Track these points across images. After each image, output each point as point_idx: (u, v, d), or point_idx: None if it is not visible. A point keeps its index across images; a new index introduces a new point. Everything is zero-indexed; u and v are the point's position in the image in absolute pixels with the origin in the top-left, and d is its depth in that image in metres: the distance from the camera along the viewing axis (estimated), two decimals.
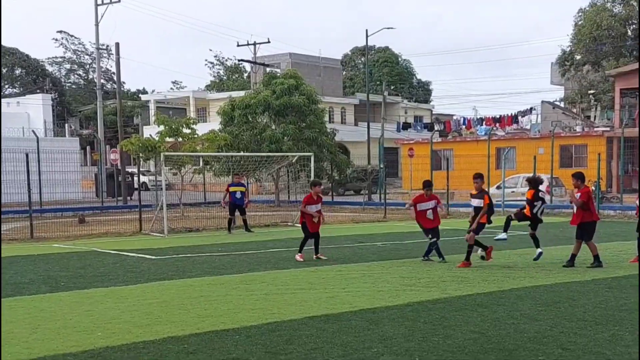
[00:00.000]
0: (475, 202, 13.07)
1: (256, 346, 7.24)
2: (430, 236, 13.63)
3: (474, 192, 13.29)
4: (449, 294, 9.99)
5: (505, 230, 13.29)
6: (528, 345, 7.15)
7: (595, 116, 53.40)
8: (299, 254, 14.14)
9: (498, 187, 30.40)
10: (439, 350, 7.02)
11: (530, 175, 19.76)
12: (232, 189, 21.17)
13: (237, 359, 6.81)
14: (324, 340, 7.44)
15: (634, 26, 49.97)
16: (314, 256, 14.21)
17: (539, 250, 13.17)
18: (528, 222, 13.20)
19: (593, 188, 30.17)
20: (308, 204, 14.30)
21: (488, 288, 10.49)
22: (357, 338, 7.49)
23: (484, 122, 46.30)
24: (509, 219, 13.26)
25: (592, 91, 52.83)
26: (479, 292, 10.11)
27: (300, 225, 15.16)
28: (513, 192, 30.55)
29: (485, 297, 9.78)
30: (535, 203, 13.08)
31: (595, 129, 41.56)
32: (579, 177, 12.98)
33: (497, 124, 45.37)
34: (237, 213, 21.15)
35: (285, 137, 33.12)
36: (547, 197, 29.35)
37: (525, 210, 13.22)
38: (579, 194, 12.71)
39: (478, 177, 13.33)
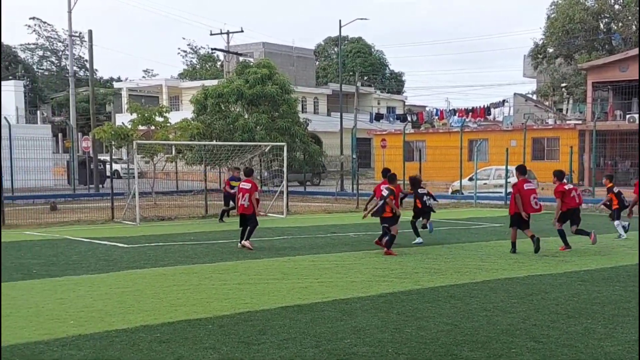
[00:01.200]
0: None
1: (229, 336, 7.22)
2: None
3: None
4: (421, 286, 10.05)
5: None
6: (501, 337, 7.21)
7: (567, 109, 53.93)
8: None
9: (470, 179, 30.64)
10: (412, 341, 7.05)
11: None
12: (232, 183, 21.07)
13: (209, 348, 6.78)
14: (297, 330, 7.44)
15: (605, 20, 50.51)
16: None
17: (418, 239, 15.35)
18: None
19: (565, 181, 30.59)
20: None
21: (461, 280, 10.57)
22: (330, 329, 7.50)
23: (456, 114, 46.48)
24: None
25: (564, 84, 53.26)
26: (452, 284, 10.18)
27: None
28: (485, 184, 30.81)
29: (458, 288, 9.85)
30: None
31: (568, 122, 41.94)
32: (556, 175, 14.40)
33: (470, 116, 45.57)
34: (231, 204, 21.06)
35: (258, 127, 33.00)
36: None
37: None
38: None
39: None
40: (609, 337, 7.21)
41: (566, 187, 14.43)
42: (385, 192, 13.56)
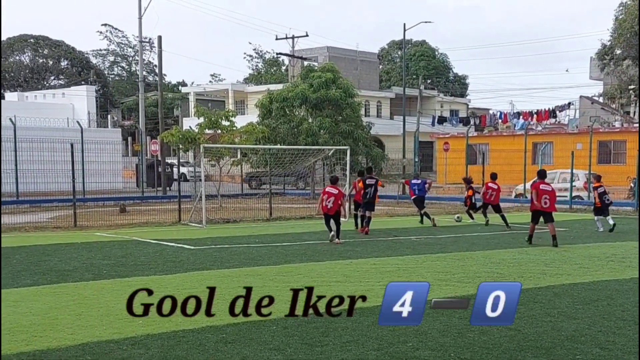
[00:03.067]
0: None
1: (292, 337, 7.34)
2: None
3: None
4: None
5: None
6: (565, 343, 7.11)
7: (635, 112, 52.23)
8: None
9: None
10: (475, 346, 7.02)
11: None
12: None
13: (274, 349, 6.92)
14: (360, 333, 7.51)
15: None
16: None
17: None
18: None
19: (632, 185, 29.62)
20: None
21: (524, 285, 10.39)
22: (393, 332, 7.52)
23: (520, 117, 45.65)
24: None
25: (632, 86, 51.60)
26: None
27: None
28: None
29: (522, 294, 9.54)
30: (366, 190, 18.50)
31: (635, 125, 40.63)
32: (538, 173, 16.04)
33: (534, 119, 44.68)
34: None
35: (322, 131, 33.15)
36: (584, 193, 29.02)
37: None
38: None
39: None
40: None
41: (541, 187, 15.42)
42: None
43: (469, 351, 6.84)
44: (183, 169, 43.79)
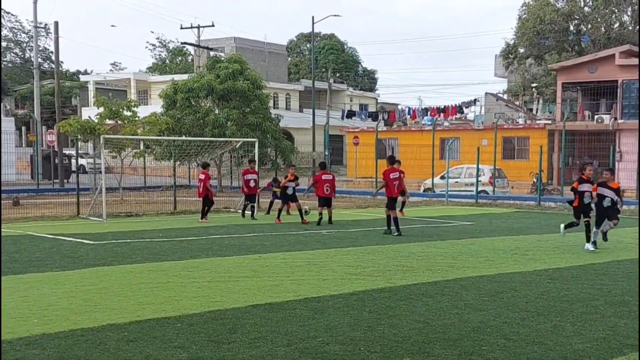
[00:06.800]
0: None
1: (199, 335, 7.09)
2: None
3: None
4: (394, 283, 10.00)
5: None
6: (472, 335, 7.19)
7: (537, 109, 54.48)
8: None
9: (442, 177, 30.81)
10: (384, 339, 7.00)
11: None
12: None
13: (178, 347, 6.64)
14: (268, 329, 7.34)
15: (575, 21, 51.10)
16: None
17: None
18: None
19: (534, 180, 30.92)
20: None
21: (433, 277, 10.55)
22: (302, 327, 7.41)
23: (428, 112, 46.72)
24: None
25: (534, 84, 53.81)
26: (424, 282, 10.15)
27: None
28: (457, 182, 31.00)
29: (430, 286, 9.82)
30: None
31: (537, 122, 42.43)
32: (387, 159, 17.15)
33: (442, 114, 45.83)
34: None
35: (229, 122, 32.81)
36: (489, 188, 30.06)
37: None
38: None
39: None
40: (577, 335, 7.24)
41: (391, 175, 16.23)
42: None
43: (378, 344, 6.80)
44: (82, 161, 42.17)
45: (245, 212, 20.96)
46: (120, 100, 31.67)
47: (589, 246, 13.87)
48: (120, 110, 28.08)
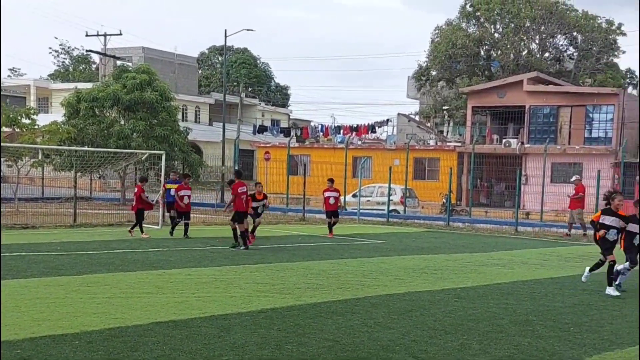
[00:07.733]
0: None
1: (97, 352, 6.72)
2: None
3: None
4: (303, 301, 9.85)
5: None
6: (381, 353, 7.14)
7: (448, 131, 55.97)
8: None
9: (354, 196, 31.04)
10: (293, 358, 6.86)
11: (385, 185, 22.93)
12: (169, 186, 20.09)
13: None
14: (172, 347, 7.04)
15: (486, 47, 52.95)
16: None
17: None
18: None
19: (444, 201, 31.63)
20: None
21: (343, 295, 10.46)
22: (207, 345, 7.15)
23: (341, 131, 47.10)
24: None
25: (445, 107, 55.20)
26: (334, 300, 10.04)
27: None
28: (369, 200, 31.30)
29: (340, 304, 9.73)
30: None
31: (448, 144, 43.49)
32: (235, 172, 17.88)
33: (354, 133, 46.29)
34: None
35: (135, 134, 31.95)
36: (400, 208, 30.52)
37: None
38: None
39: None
40: (483, 353, 7.31)
41: (239, 190, 16.49)
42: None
43: None
44: None
45: (175, 228, 19.42)
46: (19, 107, 30.33)
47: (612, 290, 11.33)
48: (18, 117, 26.93)
